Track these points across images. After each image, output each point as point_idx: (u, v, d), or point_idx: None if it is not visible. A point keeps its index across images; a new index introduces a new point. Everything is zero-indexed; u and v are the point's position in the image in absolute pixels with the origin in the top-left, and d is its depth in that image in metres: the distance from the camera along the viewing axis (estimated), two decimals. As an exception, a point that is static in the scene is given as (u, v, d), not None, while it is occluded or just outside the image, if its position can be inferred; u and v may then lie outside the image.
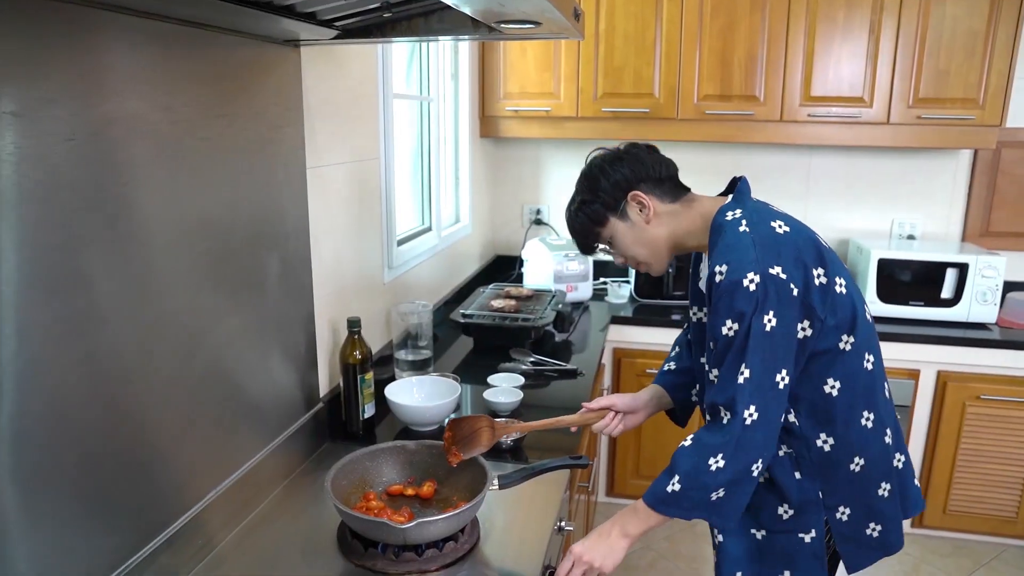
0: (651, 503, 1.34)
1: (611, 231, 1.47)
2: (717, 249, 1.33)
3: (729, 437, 1.27)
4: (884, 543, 1.45)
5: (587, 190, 1.47)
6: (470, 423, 1.49)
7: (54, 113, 0.95)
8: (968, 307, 2.89)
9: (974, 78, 2.81)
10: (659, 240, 1.45)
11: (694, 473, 1.29)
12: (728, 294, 1.27)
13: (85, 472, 1.04)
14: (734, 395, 1.27)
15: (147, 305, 1.14)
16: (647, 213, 1.43)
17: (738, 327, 1.27)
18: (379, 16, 1.36)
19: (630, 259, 1.50)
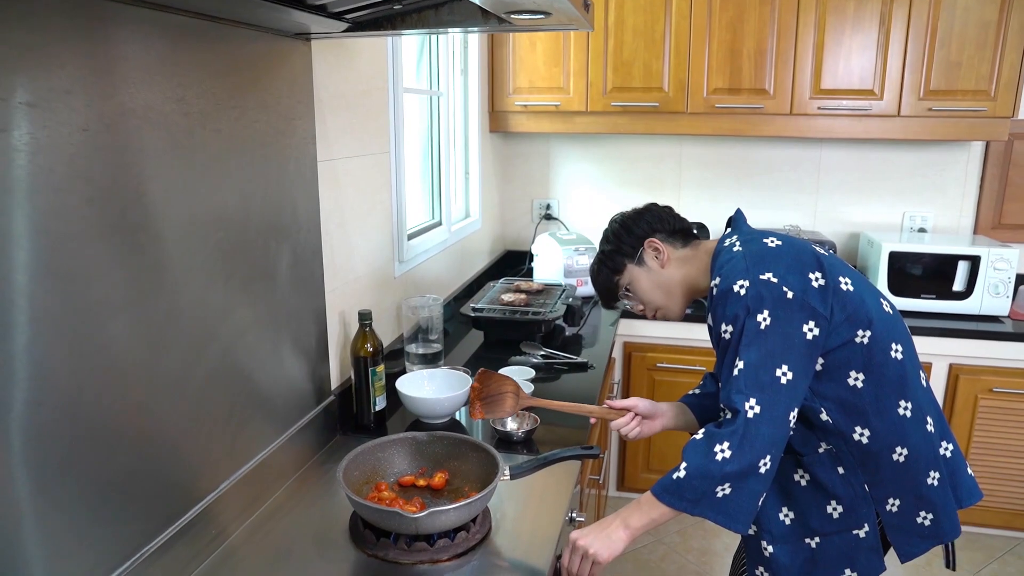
0: (656, 492, 1.34)
1: (629, 277, 1.59)
2: (714, 270, 1.44)
3: (734, 428, 1.29)
4: (937, 532, 1.44)
5: (609, 244, 1.62)
6: (498, 383, 1.58)
7: (69, 104, 0.95)
8: (980, 300, 2.87)
9: (986, 69, 2.79)
10: (673, 283, 1.57)
11: (700, 461, 1.29)
12: (721, 301, 1.37)
13: (98, 461, 1.05)
14: (729, 389, 1.32)
15: (160, 296, 1.15)
16: (662, 258, 1.56)
17: (732, 329, 1.35)
18: (389, 8, 1.36)
19: (648, 304, 1.61)
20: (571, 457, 1.44)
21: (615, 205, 3.51)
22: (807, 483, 1.43)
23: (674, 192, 3.44)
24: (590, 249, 3.04)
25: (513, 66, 3.13)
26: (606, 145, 3.47)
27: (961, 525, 2.68)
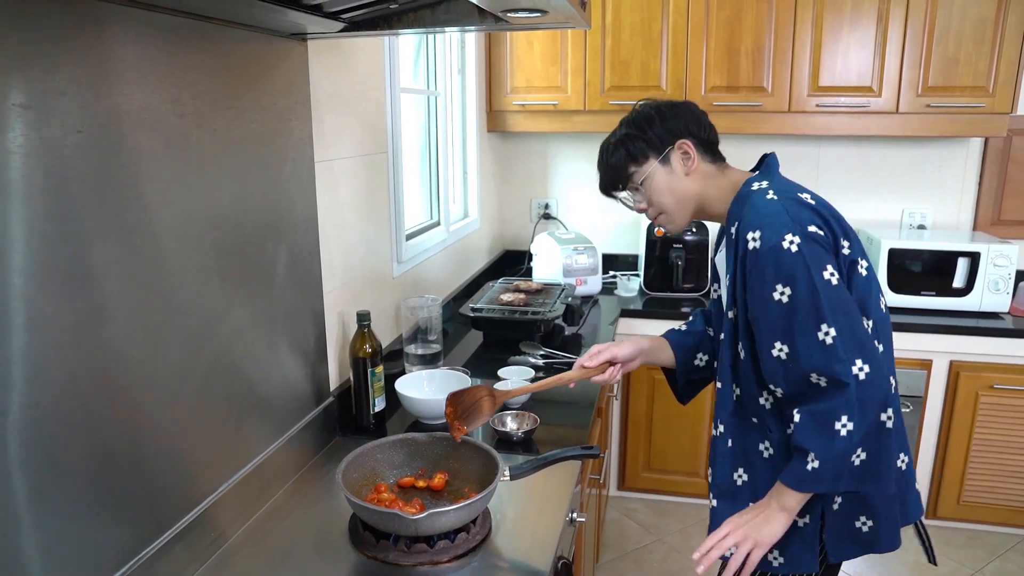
0: (793, 485, 1.30)
1: (646, 173, 1.45)
2: (745, 218, 1.32)
3: (845, 399, 1.23)
4: (872, 541, 1.42)
5: (635, 127, 1.45)
6: (471, 394, 1.50)
7: (63, 105, 0.95)
8: (980, 296, 2.87)
9: (983, 66, 2.79)
10: (689, 195, 1.45)
11: (825, 444, 1.24)
12: (769, 260, 1.26)
13: (96, 464, 1.04)
14: (828, 359, 1.24)
15: (156, 297, 1.15)
16: (689, 165, 1.44)
17: (791, 290, 1.25)
18: (385, 8, 1.35)
19: (655, 206, 1.48)
20: (571, 457, 1.43)
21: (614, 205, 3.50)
22: (769, 456, 1.40)
23: (673, 191, 3.43)
24: (589, 248, 3.04)
25: (511, 65, 3.13)
26: (604, 144, 3.46)
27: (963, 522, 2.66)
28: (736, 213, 1.37)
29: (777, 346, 1.29)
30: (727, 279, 1.41)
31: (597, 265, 3.06)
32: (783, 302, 1.26)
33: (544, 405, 1.95)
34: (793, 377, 1.29)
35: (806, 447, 1.26)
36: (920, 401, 2.88)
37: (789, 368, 1.29)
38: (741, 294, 1.34)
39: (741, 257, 1.31)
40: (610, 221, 3.53)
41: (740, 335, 1.39)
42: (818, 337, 1.25)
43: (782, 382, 1.31)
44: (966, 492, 2.94)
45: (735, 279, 1.35)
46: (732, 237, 1.37)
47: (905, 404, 2.89)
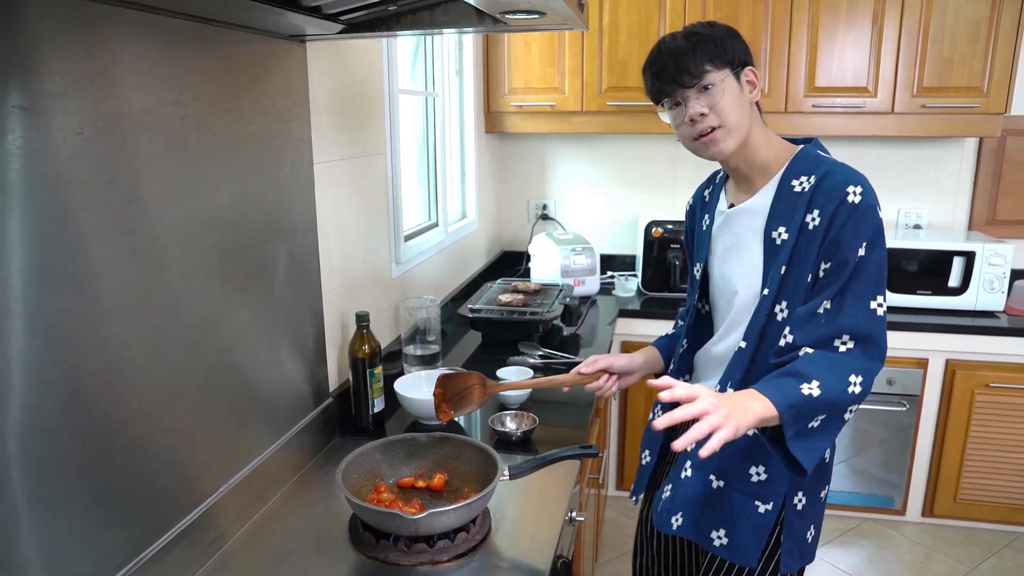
0: (780, 405, 1.17)
1: (721, 78, 1.32)
2: (838, 173, 1.29)
3: (873, 365, 1.24)
4: (808, 553, 1.43)
5: (719, 31, 1.35)
6: (461, 380, 1.50)
7: (63, 107, 0.95)
8: (976, 295, 2.88)
9: (978, 66, 2.80)
10: (748, 121, 1.36)
11: (833, 385, 1.20)
12: (867, 215, 1.25)
13: (95, 465, 1.04)
14: (871, 330, 1.25)
15: (156, 299, 1.15)
16: (753, 94, 1.37)
17: (866, 253, 1.25)
18: (384, 9, 1.36)
19: (718, 115, 1.33)
20: (570, 456, 1.44)
21: (611, 205, 3.52)
22: (748, 437, 1.35)
23: (670, 191, 3.44)
24: (587, 249, 3.04)
25: (508, 67, 3.13)
26: (602, 145, 3.47)
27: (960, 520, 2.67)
28: (804, 170, 1.34)
29: (824, 303, 1.27)
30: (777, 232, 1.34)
31: (595, 266, 3.07)
32: (860, 259, 1.25)
33: (543, 405, 1.95)
34: (821, 332, 1.26)
35: (810, 374, 1.20)
36: (916, 400, 2.90)
37: (821, 324, 1.26)
38: (807, 248, 1.29)
39: (834, 209, 1.26)
40: (608, 221, 3.54)
41: (788, 292, 1.32)
42: (870, 304, 1.25)
43: (803, 333, 1.28)
44: (963, 490, 2.95)
45: (799, 231, 1.30)
46: (795, 190, 1.33)
47: (901, 403, 2.90)
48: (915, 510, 3.05)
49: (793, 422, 1.20)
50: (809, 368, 1.22)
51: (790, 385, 1.20)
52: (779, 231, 1.34)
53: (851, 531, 3.04)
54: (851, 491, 3.05)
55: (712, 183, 1.58)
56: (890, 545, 2.94)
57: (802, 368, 1.22)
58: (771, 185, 1.38)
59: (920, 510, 3.04)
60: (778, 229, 1.34)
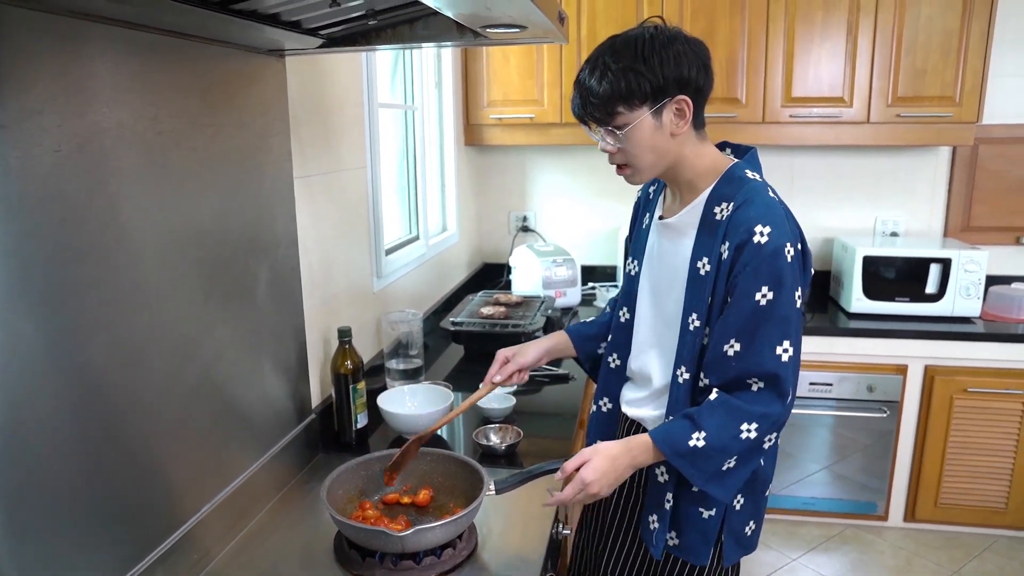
0: (667, 452, 1.29)
1: (633, 119, 1.27)
2: (751, 208, 1.27)
3: (770, 411, 1.27)
4: (751, 543, 1.47)
5: (642, 59, 1.24)
6: (401, 454, 1.47)
7: (40, 124, 0.94)
8: (952, 301, 2.92)
9: (950, 76, 2.85)
10: (668, 154, 1.32)
11: (721, 434, 1.26)
12: (768, 260, 1.23)
13: (77, 487, 1.02)
14: (778, 373, 1.26)
15: (136, 316, 1.13)
16: (681, 127, 1.30)
17: (773, 296, 1.24)
18: (364, 24, 1.36)
19: (627, 156, 1.32)
20: (556, 470, 1.43)
21: (592, 216, 3.53)
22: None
23: (650, 201, 3.45)
24: (567, 260, 3.05)
25: (487, 79, 3.14)
26: (581, 156, 3.49)
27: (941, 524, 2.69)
28: (725, 194, 1.32)
29: (731, 342, 1.28)
30: (702, 262, 1.34)
31: (576, 277, 3.07)
32: (761, 304, 1.25)
33: (527, 418, 1.95)
34: (731, 374, 1.30)
35: (702, 423, 1.27)
36: (896, 406, 2.92)
37: (732, 366, 1.29)
38: (722, 281, 1.30)
39: (738, 246, 1.26)
40: (588, 232, 3.55)
41: (711, 321, 1.33)
42: (776, 350, 1.26)
43: (715, 376, 1.32)
44: (943, 495, 2.98)
45: (718, 263, 1.31)
46: (716, 217, 1.33)
47: (882, 409, 2.92)
48: (897, 515, 3.07)
49: (691, 468, 1.29)
50: (705, 417, 1.28)
51: (681, 434, 1.29)
52: (703, 261, 1.34)
53: (834, 537, 3.05)
54: (833, 497, 3.07)
55: (658, 181, 1.56)
56: (872, 550, 2.96)
57: (698, 416, 1.29)
58: (695, 207, 1.37)
59: (902, 515, 3.07)
60: (702, 259, 1.35)
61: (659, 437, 1.31)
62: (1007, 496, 2.94)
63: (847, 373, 2.91)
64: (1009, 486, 2.93)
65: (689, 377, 1.38)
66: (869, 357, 2.90)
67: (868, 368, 2.91)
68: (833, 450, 3.01)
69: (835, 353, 2.90)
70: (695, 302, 1.35)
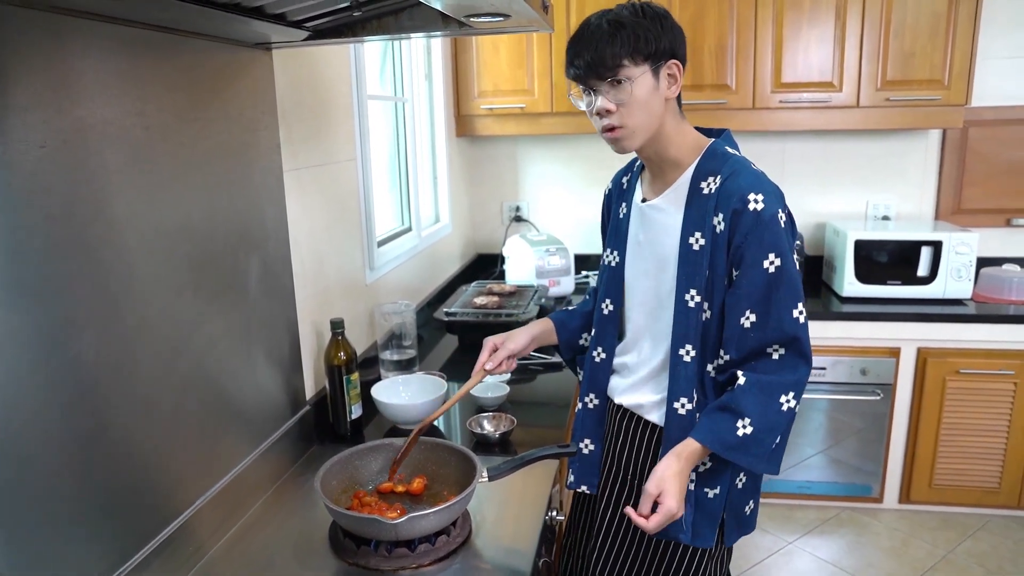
0: (718, 449, 1.30)
1: (635, 74, 1.29)
2: (739, 177, 1.31)
3: (800, 376, 1.29)
4: (749, 523, 1.48)
5: (648, 19, 1.29)
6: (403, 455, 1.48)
7: (25, 120, 0.94)
8: (944, 284, 2.93)
9: (939, 59, 2.85)
10: (656, 119, 1.33)
11: (766, 413, 1.28)
12: (769, 226, 1.27)
13: (70, 482, 1.03)
14: (798, 335, 1.29)
15: (126, 312, 1.14)
16: (673, 89, 1.34)
17: (780, 262, 1.28)
18: (349, 15, 1.36)
19: (623, 114, 1.31)
20: (549, 456, 1.44)
21: (584, 205, 3.53)
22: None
23: (642, 189, 3.46)
24: (561, 249, 3.05)
25: (477, 70, 3.14)
26: (573, 145, 3.49)
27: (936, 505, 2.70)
28: (711, 169, 1.35)
29: (747, 314, 1.30)
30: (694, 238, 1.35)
31: (569, 266, 3.08)
32: (770, 271, 1.28)
33: (520, 406, 1.96)
34: (751, 345, 1.31)
35: (743, 410, 1.28)
36: (890, 389, 2.94)
37: (750, 336, 1.31)
38: (721, 252, 1.32)
39: (734, 215, 1.29)
40: (580, 221, 3.56)
41: (709, 295, 1.35)
42: (792, 313, 1.29)
43: (734, 349, 1.33)
44: (937, 475, 3.00)
45: (713, 235, 1.33)
46: (704, 191, 1.34)
47: (875, 392, 2.94)
48: (892, 497, 3.09)
49: (747, 456, 1.30)
50: (742, 403, 1.29)
51: (726, 427, 1.29)
52: (696, 237, 1.35)
53: (830, 520, 3.07)
54: (829, 481, 3.09)
55: (630, 170, 1.57)
56: (868, 532, 2.98)
57: (735, 404, 1.30)
58: (681, 184, 1.39)
59: (897, 497, 3.09)
60: (695, 235, 1.36)
61: (706, 438, 1.31)
62: (1000, 476, 2.96)
63: (840, 357, 2.93)
64: (1002, 466, 2.95)
65: (696, 354, 1.38)
66: (862, 340, 2.91)
67: (861, 352, 2.93)
68: (828, 434, 3.03)
69: (828, 337, 2.91)
70: (692, 278, 1.36)
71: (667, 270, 1.41)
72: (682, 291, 1.38)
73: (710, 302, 1.36)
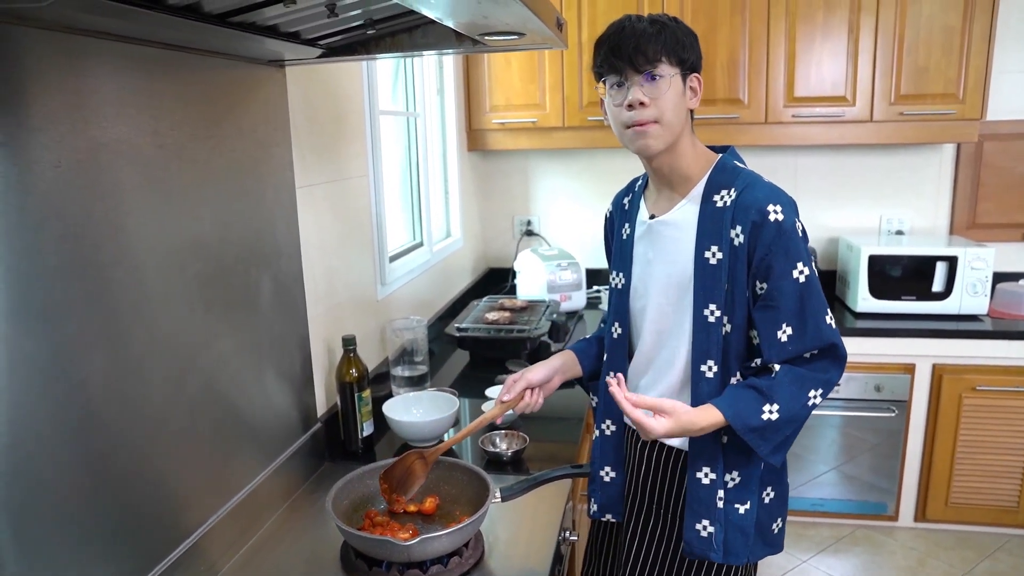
0: (738, 427, 1.28)
1: (671, 73, 1.31)
2: (755, 190, 1.32)
3: (832, 376, 1.31)
4: (777, 541, 1.45)
5: (688, 33, 1.34)
6: (400, 465, 1.43)
7: (39, 141, 0.94)
8: (959, 299, 2.90)
9: (953, 73, 2.83)
10: (680, 125, 1.34)
11: (792, 404, 1.28)
12: (792, 237, 1.29)
13: (82, 502, 1.03)
14: (833, 340, 1.31)
15: (138, 330, 1.14)
16: (694, 101, 1.36)
17: (808, 271, 1.29)
18: (363, 33, 1.36)
19: (659, 109, 1.31)
20: (562, 476, 1.43)
21: (595, 219, 3.52)
22: (727, 441, 1.37)
23: (653, 204, 3.45)
24: (572, 264, 3.04)
25: (489, 84, 3.14)
26: (584, 159, 3.49)
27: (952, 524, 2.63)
28: (723, 182, 1.35)
29: (783, 327, 1.30)
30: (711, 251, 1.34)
31: (581, 280, 3.07)
32: (800, 281, 1.29)
33: (533, 423, 1.94)
34: (787, 355, 1.31)
35: (774, 396, 1.28)
36: (905, 405, 2.91)
37: (787, 349, 1.31)
38: (741, 265, 1.31)
39: (754, 227, 1.29)
40: (592, 236, 3.55)
41: (730, 309, 1.33)
42: (826, 320, 1.31)
43: (776, 358, 1.32)
44: (953, 494, 2.96)
45: (731, 248, 1.32)
46: (718, 205, 1.34)
47: (890, 408, 2.91)
48: (907, 515, 3.05)
49: (761, 441, 1.30)
50: (775, 389, 1.29)
51: (752, 408, 1.28)
52: (712, 250, 1.34)
53: (844, 538, 3.04)
54: (843, 498, 3.05)
55: (631, 191, 1.54)
56: (883, 551, 2.94)
57: (768, 389, 1.29)
58: (692, 197, 1.38)
59: (912, 515, 3.05)
60: (711, 248, 1.34)
61: (728, 412, 1.28)
62: (1018, 495, 2.92)
63: (854, 373, 2.90)
64: (1020, 485, 2.90)
65: (718, 369, 1.36)
66: (876, 357, 2.89)
67: (875, 368, 2.90)
68: (842, 450, 3.00)
69: (842, 353, 2.88)
70: (711, 292, 1.35)
71: (681, 286, 1.39)
72: (700, 306, 1.36)
73: (730, 316, 1.34)
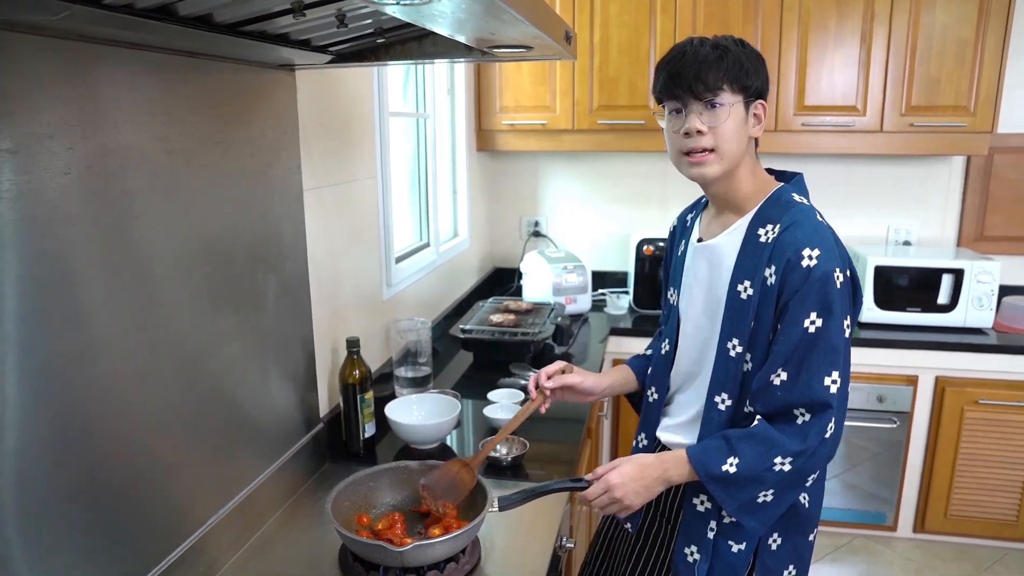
0: (700, 472, 1.28)
1: (732, 102, 1.28)
2: (799, 230, 1.26)
3: (807, 447, 1.23)
4: None
5: (753, 58, 1.31)
6: (444, 473, 1.43)
7: (50, 148, 0.95)
8: (965, 312, 2.90)
9: (965, 85, 2.82)
10: (740, 153, 1.31)
11: (755, 465, 1.24)
12: (818, 285, 1.22)
13: (86, 502, 1.04)
14: (826, 401, 1.23)
15: (147, 334, 1.15)
16: (757, 129, 1.32)
17: (822, 324, 1.22)
18: (372, 41, 1.37)
19: (717, 137, 1.28)
20: (560, 490, 1.44)
21: (603, 222, 3.53)
22: None
23: (661, 208, 3.46)
24: (578, 267, 3.05)
25: (499, 86, 3.15)
26: (593, 162, 3.49)
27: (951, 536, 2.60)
28: (771, 216, 1.30)
29: (779, 371, 1.26)
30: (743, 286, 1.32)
31: (587, 283, 3.07)
32: (810, 331, 1.22)
33: (533, 425, 1.94)
34: (777, 404, 1.27)
35: (737, 449, 1.26)
36: (907, 417, 2.91)
37: (777, 395, 1.26)
38: (769, 306, 1.28)
39: (786, 269, 1.25)
40: (599, 239, 3.55)
41: (753, 347, 1.32)
42: (824, 380, 1.23)
43: (760, 404, 1.29)
44: (953, 506, 2.96)
45: (762, 287, 1.29)
46: (760, 240, 1.30)
47: (892, 419, 2.91)
48: (906, 526, 3.05)
49: (724, 494, 1.28)
50: (741, 443, 1.27)
51: (717, 456, 1.27)
52: (744, 285, 1.32)
53: (843, 547, 3.04)
54: (842, 507, 3.05)
55: (696, 208, 1.54)
56: (881, 561, 2.95)
57: (736, 440, 1.28)
58: (739, 227, 1.35)
59: (911, 526, 3.05)
60: (744, 283, 1.32)
61: (695, 455, 1.30)
62: (1018, 508, 2.92)
63: (857, 383, 2.90)
64: (1020, 498, 2.90)
65: (731, 403, 1.35)
66: (879, 367, 2.88)
67: (878, 379, 2.90)
68: (842, 459, 3.00)
69: (845, 363, 2.88)
70: (736, 327, 1.33)
71: (714, 315, 1.38)
72: (725, 339, 1.35)
73: (752, 353, 1.32)
